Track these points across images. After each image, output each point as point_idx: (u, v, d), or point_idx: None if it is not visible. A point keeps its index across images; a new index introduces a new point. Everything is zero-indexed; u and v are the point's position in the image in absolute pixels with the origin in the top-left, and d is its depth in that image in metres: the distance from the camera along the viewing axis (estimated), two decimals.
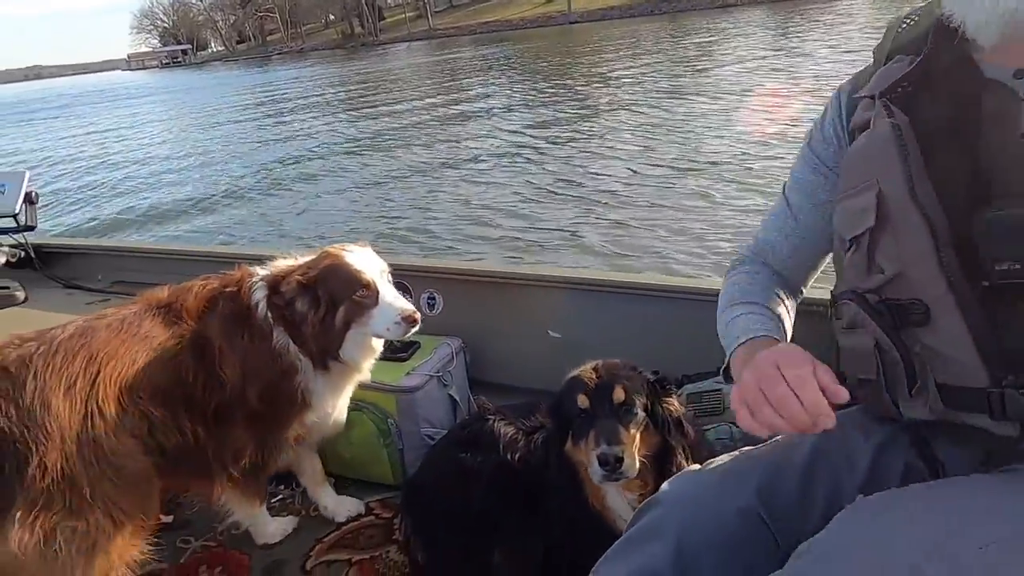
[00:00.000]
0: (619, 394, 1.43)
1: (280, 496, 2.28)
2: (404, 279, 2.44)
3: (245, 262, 1.95)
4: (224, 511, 1.99)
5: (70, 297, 3.26)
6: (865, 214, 0.99)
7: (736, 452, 1.17)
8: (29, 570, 1.52)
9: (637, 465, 1.39)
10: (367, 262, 1.86)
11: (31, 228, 3.24)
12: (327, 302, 1.79)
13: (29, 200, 3.15)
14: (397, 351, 2.26)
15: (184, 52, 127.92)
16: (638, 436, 1.43)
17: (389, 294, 1.85)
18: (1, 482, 1.47)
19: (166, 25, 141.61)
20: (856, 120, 1.09)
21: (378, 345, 1.95)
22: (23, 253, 3.34)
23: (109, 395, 1.59)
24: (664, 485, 1.13)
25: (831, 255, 1.26)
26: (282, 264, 1.90)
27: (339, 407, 2.01)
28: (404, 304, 1.85)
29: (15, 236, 3.28)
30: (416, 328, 1.85)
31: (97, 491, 1.54)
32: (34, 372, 1.54)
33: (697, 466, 1.17)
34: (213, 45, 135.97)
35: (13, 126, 28.62)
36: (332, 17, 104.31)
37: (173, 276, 3.17)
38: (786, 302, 1.26)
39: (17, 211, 3.12)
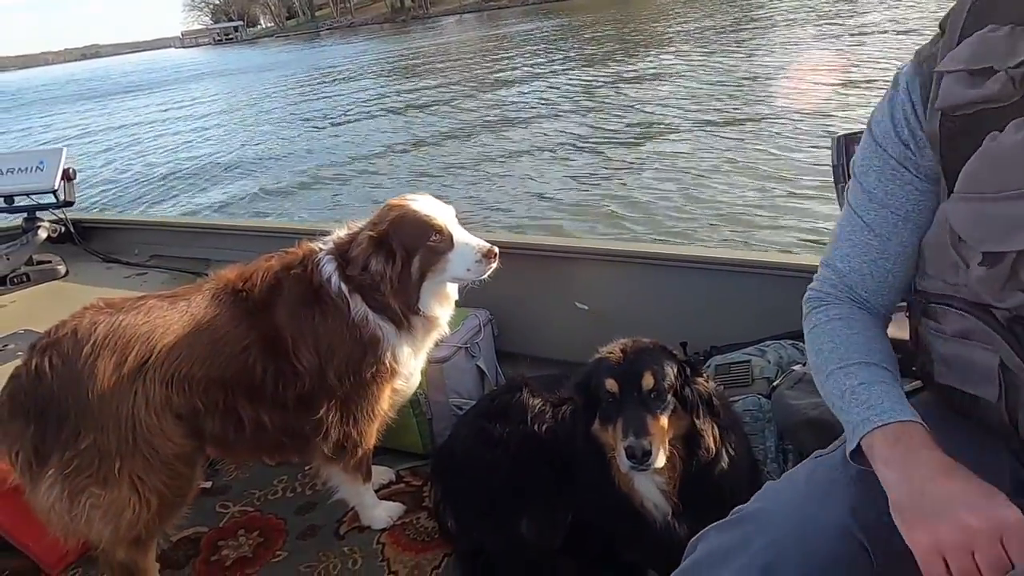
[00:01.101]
0: (648, 381, 1.40)
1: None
2: None
3: (285, 236, 1.93)
4: (330, 489, 1.99)
5: (109, 271, 3.35)
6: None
7: (813, 461, 1.07)
8: (56, 524, 1.60)
9: (665, 455, 1.38)
10: (434, 207, 1.82)
11: (70, 204, 3.31)
12: (402, 254, 1.75)
13: (67, 176, 3.21)
14: None
15: (235, 29, 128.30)
16: (666, 422, 1.41)
17: (462, 235, 1.81)
18: (44, 436, 1.55)
19: (216, 2, 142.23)
20: (951, 98, 0.93)
21: (453, 292, 1.90)
22: (63, 228, 3.42)
23: (156, 377, 1.60)
24: (748, 506, 1.02)
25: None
26: (341, 233, 1.85)
27: (418, 369, 1.98)
28: (480, 241, 1.81)
29: (55, 211, 3.37)
30: (496, 263, 1.81)
31: (127, 466, 1.57)
32: (94, 341, 1.58)
33: (772, 481, 1.08)
34: (263, 21, 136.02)
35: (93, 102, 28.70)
36: None
37: (209, 250, 3.26)
38: (890, 348, 1.09)
39: (56, 187, 3.19)
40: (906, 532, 0.86)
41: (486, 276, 1.83)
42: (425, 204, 1.81)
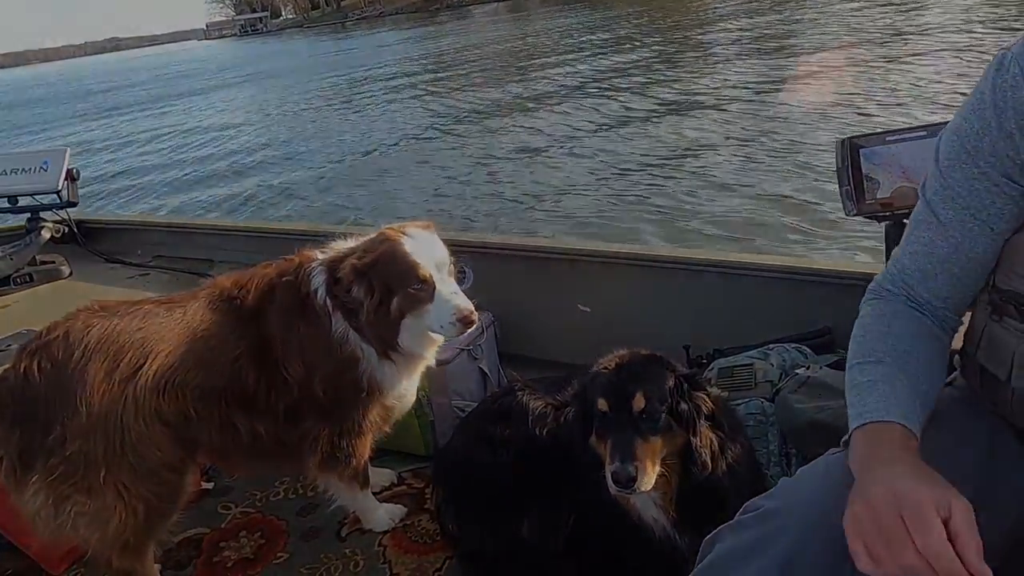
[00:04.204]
0: (639, 403, 1.38)
1: None
2: None
3: (287, 237, 1.91)
4: (329, 496, 1.98)
5: (112, 271, 3.36)
6: None
7: (829, 458, 1.03)
8: (43, 530, 1.58)
9: (654, 478, 1.36)
10: (426, 251, 1.71)
11: (73, 204, 3.33)
12: (381, 291, 1.68)
13: (70, 177, 3.23)
14: None
15: (260, 20, 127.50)
16: (659, 442, 1.39)
17: (446, 290, 1.70)
18: (29, 441, 1.52)
19: None
20: None
21: (438, 337, 1.81)
22: (67, 229, 3.43)
23: (148, 386, 1.58)
24: (765, 502, 0.99)
25: None
26: (341, 246, 1.81)
27: (410, 389, 1.94)
28: (461, 302, 1.70)
29: (58, 212, 3.38)
30: (473, 329, 1.72)
31: (112, 474, 1.55)
32: (85, 345, 1.55)
33: (792, 476, 1.06)
34: (285, 12, 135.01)
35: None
36: None
37: (212, 251, 3.27)
38: (932, 353, 1.01)
39: (59, 188, 3.20)
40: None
41: (462, 338, 1.77)
42: (418, 244, 1.71)
